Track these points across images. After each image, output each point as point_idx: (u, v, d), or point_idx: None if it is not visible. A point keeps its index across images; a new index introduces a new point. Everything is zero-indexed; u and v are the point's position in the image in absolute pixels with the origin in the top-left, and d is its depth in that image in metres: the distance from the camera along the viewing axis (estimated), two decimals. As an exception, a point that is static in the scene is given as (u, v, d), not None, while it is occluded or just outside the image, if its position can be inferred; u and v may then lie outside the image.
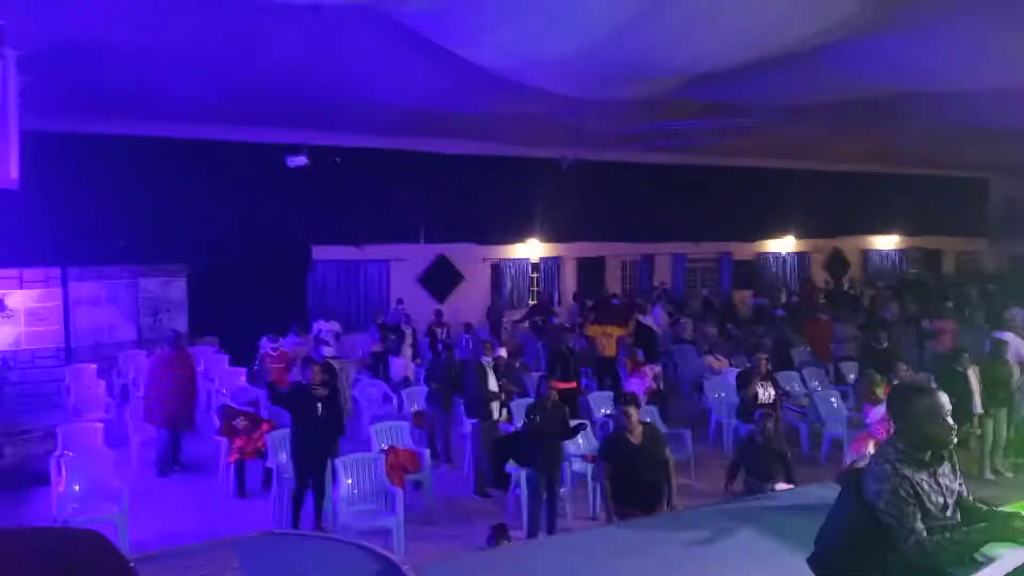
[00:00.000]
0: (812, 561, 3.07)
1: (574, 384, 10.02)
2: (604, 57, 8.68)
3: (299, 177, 12.20)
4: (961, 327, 12.60)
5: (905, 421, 2.88)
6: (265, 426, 7.85)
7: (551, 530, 6.45)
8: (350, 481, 6.37)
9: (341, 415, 7.22)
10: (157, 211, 13.05)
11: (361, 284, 15.59)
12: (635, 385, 10.17)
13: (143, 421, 8.94)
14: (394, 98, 11.61)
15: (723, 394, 10.27)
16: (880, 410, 7.05)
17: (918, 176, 21.22)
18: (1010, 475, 8.60)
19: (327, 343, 9.86)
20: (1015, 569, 2.64)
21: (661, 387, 10.49)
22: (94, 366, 11.51)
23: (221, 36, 8.79)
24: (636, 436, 5.73)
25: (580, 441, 8.01)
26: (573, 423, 7.30)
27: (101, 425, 8.58)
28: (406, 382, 10.54)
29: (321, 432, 6.83)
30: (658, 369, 10.81)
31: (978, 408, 8.31)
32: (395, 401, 10.09)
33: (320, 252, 15.02)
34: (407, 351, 11.24)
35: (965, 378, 8.23)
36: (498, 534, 5.33)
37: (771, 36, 8.28)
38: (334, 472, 6.57)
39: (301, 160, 10.53)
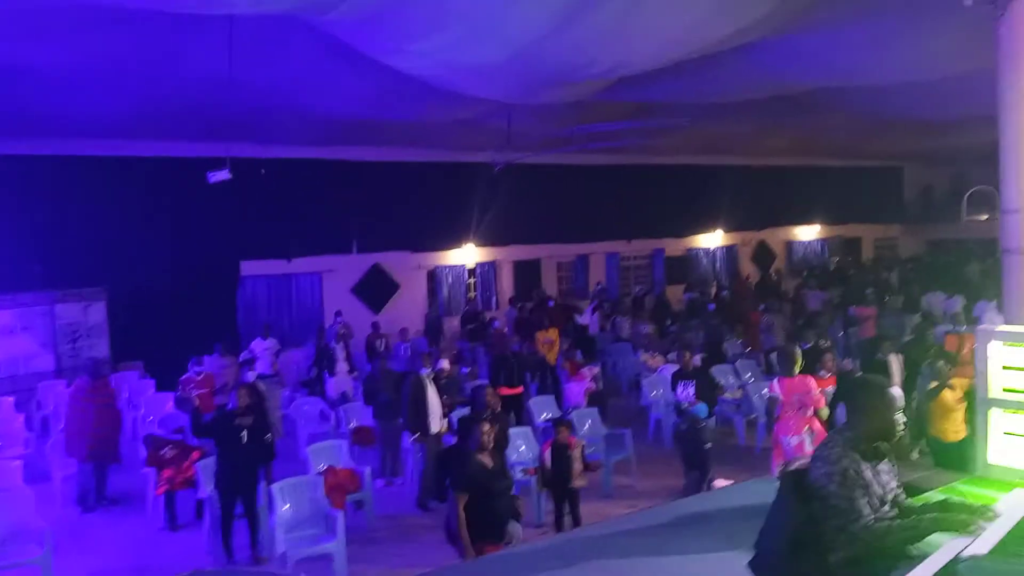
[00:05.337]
0: (753, 565, 3.07)
1: (520, 389, 9.98)
2: (530, 63, 8.69)
3: (224, 191, 11.80)
4: (882, 312, 13.09)
5: (859, 412, 2.98)
6: (195, 454, 7.56)
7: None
8: (287, 506, 6.17)
9: (269, 442, 6.99)
10: (74, 233, 12.49)
11: (294, 298, 15.23)
12: (575, 388, 10.22)
13: (65, 455, 8.50)
14: (320, 108, 11.37)
15: (660, 391, 10.38)
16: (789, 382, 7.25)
17: (837, 168, 22.00)
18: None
19: (250, 365, 9.57)
20: (951, 562, 2.71)
21: (600, 387, 10.57)
22: (11, 399, 10.91)
23: (137, 51, 8.48)
24: (488, 458, 5.30)
25: (522, 449, 8.00)
26: None
27: (20, 462, 8.16)
28: (344, 398, 10.31)
29: (248, 460, 6.65)
30: (596, 370, 10.88)
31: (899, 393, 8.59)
32: (333, 419, 9.86)
33: (249, 267, 14.60)
34: (342, 367, 11.01)
35: (885, 364, 8.51)
36: None
37: (691, 38, 8.43)
38: (270, 498, 6.36)
39: (223, 175, 10.16)
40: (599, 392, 10.32)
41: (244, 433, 6.56)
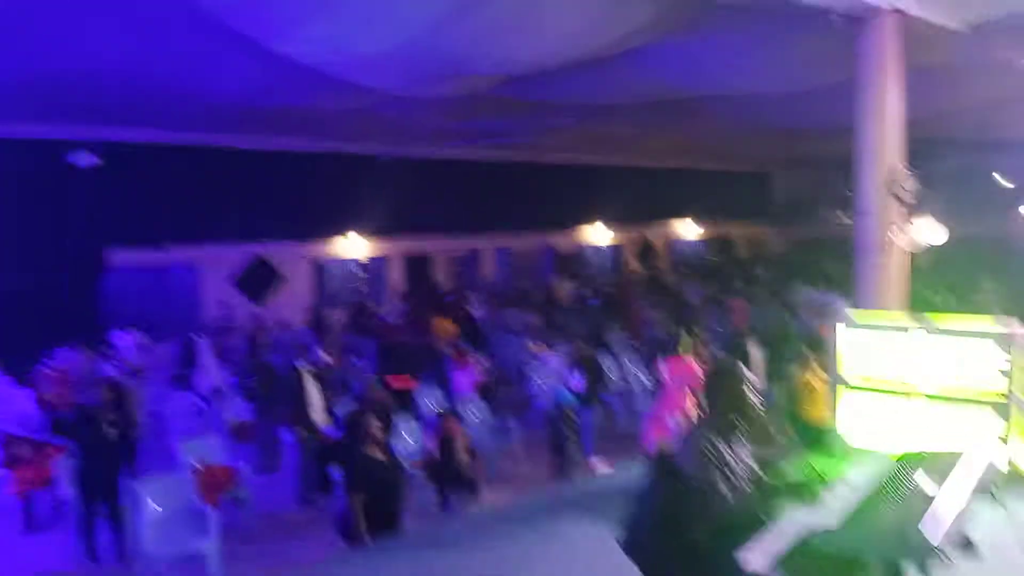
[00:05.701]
0: (622, 542, 3.20)
1: (413, 383, 9.88)
2: (420, 54, 8.64)
3: (90, 176, 11.07)
4: (752, 305, 13.87)
5: (712, 393, 3.18)
6: (53, 452, 7.07)
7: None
8: (155, 505, 5.87)
9: (132, 440, 6.63)
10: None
11: (169, 290, 14.46)
12: (463, 378, 10.25)
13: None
14: (200, 91, 10.83)
15: (546, 379, 10.55)
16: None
17: (715, 171, 23.18)
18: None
19: (108, 360, 9.02)
20: (804, 534, 2.90)
21: (489, 379, 10.66)
22: None
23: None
24: (379, 452, 5.30)
25: (410, 440, 7.96)
26: None
27: None
28: (216, 392, 9.89)
29: (110, 458, 6.34)
30: (485, 362, 10.96)
31: (757, 380, 9.09)
32: (207, 413, 9.44)
33: (120, 257, 13.72)
34: (209, 361, 10.54)
35: (746, 352, 8.99)
36: None
37: (580, 39, 8.64)
38: (136, 497, 6.04)
39: (90, 159, 9.50)
40: (488, 383, 10.41)
41: (108, 430, 6.22)
